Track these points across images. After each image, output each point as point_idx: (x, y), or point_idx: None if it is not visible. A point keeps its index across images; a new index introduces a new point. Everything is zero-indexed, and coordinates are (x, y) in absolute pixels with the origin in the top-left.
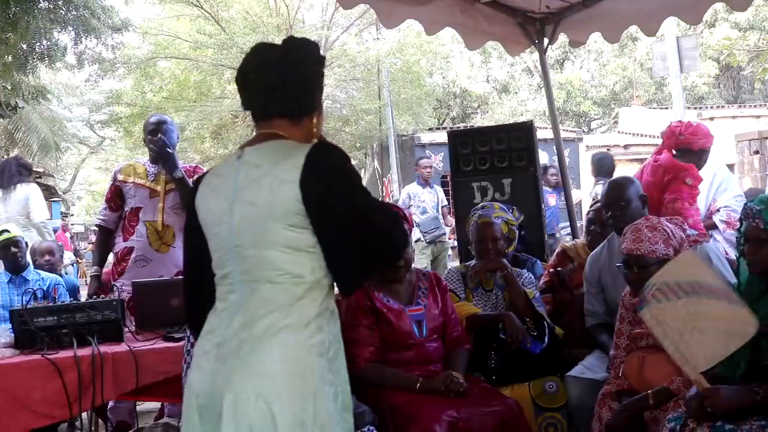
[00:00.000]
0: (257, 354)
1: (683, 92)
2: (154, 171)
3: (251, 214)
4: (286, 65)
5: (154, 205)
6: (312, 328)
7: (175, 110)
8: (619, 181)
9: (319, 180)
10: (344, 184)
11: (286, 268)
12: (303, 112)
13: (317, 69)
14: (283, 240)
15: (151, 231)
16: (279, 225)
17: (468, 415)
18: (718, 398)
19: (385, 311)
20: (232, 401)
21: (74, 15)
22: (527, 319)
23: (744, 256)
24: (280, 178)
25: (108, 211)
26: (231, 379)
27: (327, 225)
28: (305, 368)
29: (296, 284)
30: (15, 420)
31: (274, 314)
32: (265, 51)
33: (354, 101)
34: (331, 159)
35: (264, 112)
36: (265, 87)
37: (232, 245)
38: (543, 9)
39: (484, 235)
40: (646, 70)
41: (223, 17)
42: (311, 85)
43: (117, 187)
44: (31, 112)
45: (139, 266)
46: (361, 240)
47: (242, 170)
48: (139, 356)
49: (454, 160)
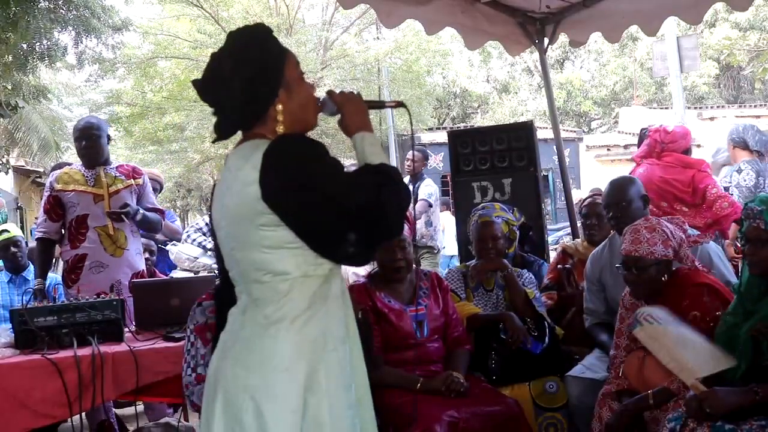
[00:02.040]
0: (248, 350)
1: (683, 92)
2: (93, 175)
3: (229, 219)
4: (218, 82)
5: (100, 209)
6: (301, 322)
7: (175, 110)
8: (620, 181)
9: (276, 175)
10: (300, 175)
11: (268, 267)
12: (260, 110)
13: (252, 62)
14: (260, 240)
15: (104, 236)
16: (251, 226)
17: (468, 415)
18: (717, 399)
19: (386, 311)
20: (223, 396)
21: (74, 15)
22: (528, 319)
23: (744, 257)
24: (244, 180)
25: (49, 222)
26: (224, 376)
27: (293, 219)
28: (294, 363)
29: (282, 281)
30: (15, 420)
31: (264, 312)
32: (206, 74)
33: None
34: (287, 152)
35: (233, 131)
36: (216, 113)
37: (228, 250)
38: (543, 9)
39: (484, 234)
40: (646, 70)
41: (223, 17)
42: (249, 87)
43: (55, 197)
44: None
45: (95, 272)
46: (339, 224)
47: (224, 175)
48: (139, 356)
49: (454, 160)
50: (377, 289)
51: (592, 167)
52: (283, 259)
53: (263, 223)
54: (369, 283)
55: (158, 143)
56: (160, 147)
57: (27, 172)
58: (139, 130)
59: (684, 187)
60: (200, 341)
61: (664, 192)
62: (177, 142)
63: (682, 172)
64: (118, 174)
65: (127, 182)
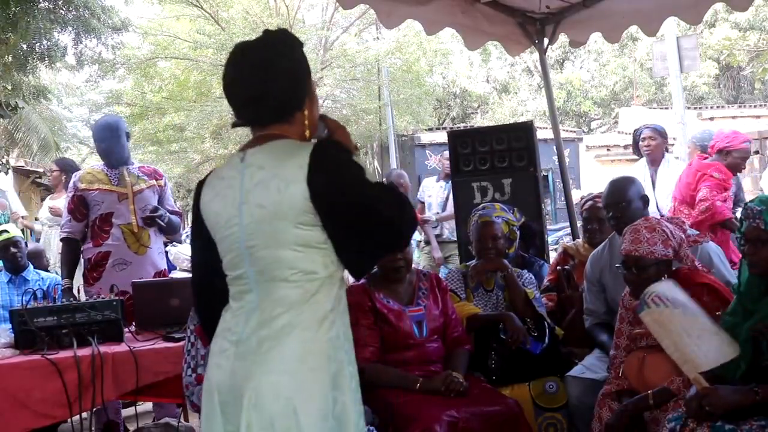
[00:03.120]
0: (276, 351)
1: (683, 92)
2: (117, 174)
3: (261, 216)
4: (262, 74)
5: (125, 207)
6: (328, 322)
7: (175, 110)
8: (620, 181)
9: (325, 177)
10: (349, 178)
11: (300, 266)
12: (292, 111)
13: (296, 62)
14: (295, 239)
15: (128, 233)
16: (289, 224)
17: (468, 415)
18: (717, 397)
19: (385, 312)
20: (254, 397)
21: (74, 15)
22: (528, 319)
23: (744, 257)
24: (287, 179)
25: (73, 222)
26: (251, 376)
27: (336, 220)
28: (323, 362)
29: (310, 281)
30: (15, 420)
31: (291, 312)
32: (238, 61)
33: (354, 101)
34: (335, 155)
35: (255, 122)
36: (248, 100)
37: (244, 247)
38: (543, 9)
39: (484, 234)
40: (646, 70)
41: (223, 17)
42: (292, 84)
43: (80, 196)
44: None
45: (118, 270)
46: (370, 231)
47: (247, 173)
48: (139, 356)
49: (454, 160)
50: (376, 290)
51: (592, 167)
52: (314, 258)
53: (302, 221)
54: (368, 284)
55: (158, 143)
56: (160, 147)
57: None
58: (139, 131)
59: (689, 190)
60: (200, 342)
61: None
62: (177, 142)
63: (691, 173)
64: (140, 174)
65: (150, 182)
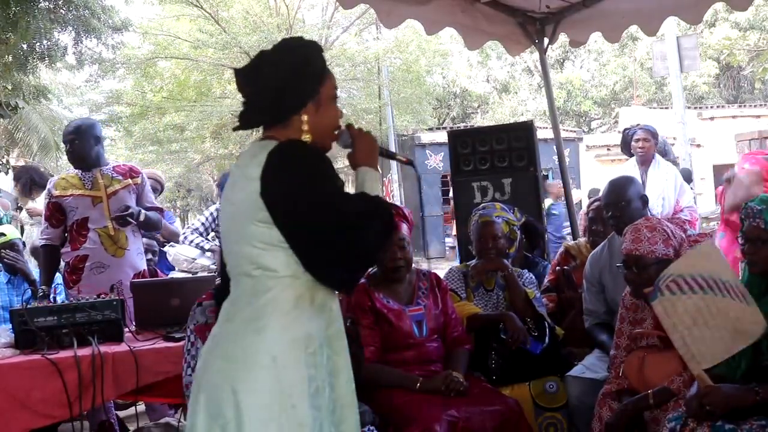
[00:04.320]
0: (233, 345)
1: (683, 92)
2: (90, 177)
3: (231, 213)
4: (256, 77)
5: (100, 211)
6: (286, 321)
7: (175, 110)
8: (620, 181)
9: (276, 176)
10: (303, 177)
11: (260, 262)
12: (286, 114)
13: (293, 66)
14: (254, 235)
15: (104, 237)
16: (249, 221)
17: (468, 414)
18: (717, 396)
19: (385, 311)
20: (206, 388)
21: (74, 15)
22: (528, 319)
23: (744, 256)
24: (249, 176)
25: (50, 228)
26: (210, 368)
27: (287, 220)
28: (277, 360)
29: (270, 278)
30: (15, 420)
31: (250, 307)
32: (247, 66)
33: (354, 101)
34: (292, 156)
35: (255, 125)
36: (247, 102)
37: (225, 242)
38: (543, 9)
39: (484, 233)
40: (646, 69)
41: (223, 17)
42: (282, 87)
43: (55, 203)
44: (31, 112)
45: (96, 273)
46: (323, 236)
47: (232, 171)
48: (139, 356)
49: (454, 160)
50: (376, 290)
51: (592, 167)
52: (275, 256)
53: (259, 219)
54: (368, 284)
55: (158, 143)
56: (160, 147)
57: None
58: (139, 130)
59: None
60: (200, 341)
61: None
62: (177, 142)
63: None
64: (114, 174)
65: (124, 182)
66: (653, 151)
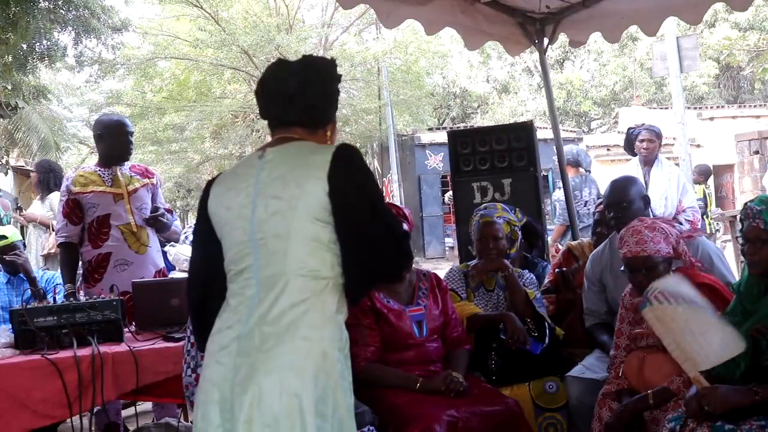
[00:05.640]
0: (281, 348)
1: (683, 92)
2: (110, 174)
3: (276, 208)
4: (307, 76)
5: (122, 208)
6: (333, 324)
7: (175, 110)
8: (622, 181)
9: (345, 177)
10: (367, 185)
11: (308, 262)
12: (319, 122)
13: (335, 84)
14: (308, 233)
15: (128, 234)
16: (305, 218)
17: (468, 415)
18: (717, 397)
19: (385, 311)
20: (257, 394)
21: (74, 15)
22: (528, 319)
23: (744, 257)
24: (308, 174)
25: (70, 225)
26: (255, 373)
27: (348, 221)
28: (327, 363)
29: (316, 279)
30: (15, 420)
31: (296, 309)
32: (286, 64)
33: (354, 101)
34: (357, 160)
35: (283, 119)
36: (285, 95)
37: (254, 239)
38: (543, 9)
39: (485, 234)
40: (646, 70)
41: (223, 17)
42: (328, 98)
43: (74, 200)
44: (31, 112)
45: (120, 270)
46: (376, 243)
47: (266, 168)
48: (139, 356)
49: (454, 160)
50: (376, 289)
51: (592, 167)
52: (323, 257)
53: (318, 216)
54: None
55: (158, 143)
56: (160, 147)
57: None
58: (139, 131)
59: None
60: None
61: None
62: (177, 142)
63: None
64: (132, 173)
65: (143, 181)
66: (657, 151)
